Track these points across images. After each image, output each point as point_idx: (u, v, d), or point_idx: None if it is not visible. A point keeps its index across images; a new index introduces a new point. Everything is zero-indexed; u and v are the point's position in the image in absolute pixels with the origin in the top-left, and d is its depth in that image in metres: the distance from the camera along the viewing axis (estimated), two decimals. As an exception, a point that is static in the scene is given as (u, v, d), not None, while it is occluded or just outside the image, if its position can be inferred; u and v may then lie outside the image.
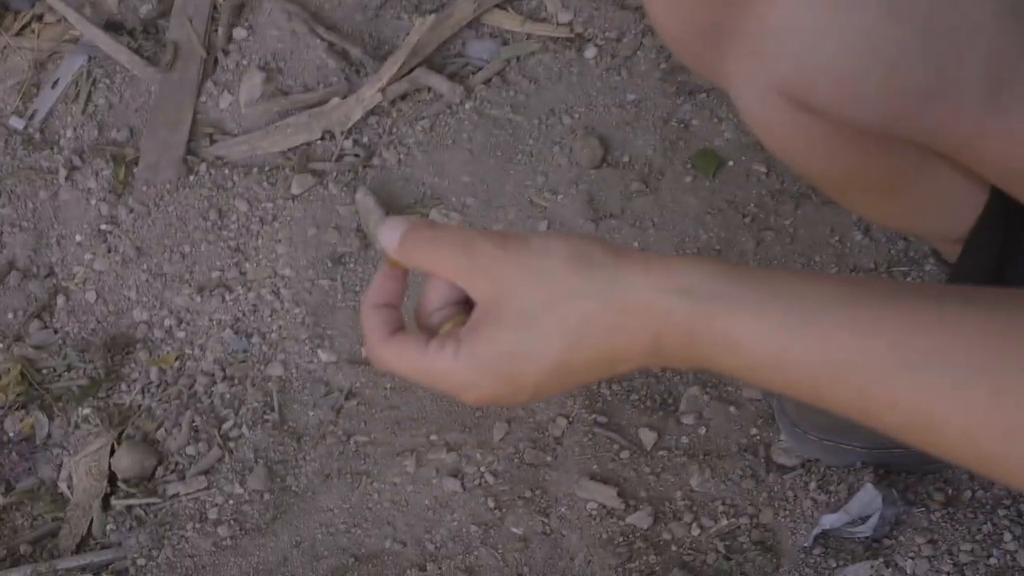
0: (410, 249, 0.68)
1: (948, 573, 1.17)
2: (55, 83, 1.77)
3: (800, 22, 0.85)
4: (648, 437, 1.35)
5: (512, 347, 0.64)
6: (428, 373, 0.67)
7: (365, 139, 1.64)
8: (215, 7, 1.78)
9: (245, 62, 1.73)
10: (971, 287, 0.58)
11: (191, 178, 1.64)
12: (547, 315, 0.63)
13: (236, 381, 1.47)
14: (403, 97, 1.66)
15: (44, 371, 1.51)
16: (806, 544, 1.23)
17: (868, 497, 1.22)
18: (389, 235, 0.69)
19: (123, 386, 1.49)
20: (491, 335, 0.64)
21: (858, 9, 0.83)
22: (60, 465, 1.45)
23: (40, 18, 1.83)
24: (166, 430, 1.44)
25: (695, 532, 1.28)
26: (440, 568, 1.29)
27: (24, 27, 1.82)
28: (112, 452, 1.42)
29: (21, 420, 1.48)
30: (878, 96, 0.86)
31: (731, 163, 1.55)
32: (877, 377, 0.56)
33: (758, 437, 1.33)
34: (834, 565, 1.21)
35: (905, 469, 1.28)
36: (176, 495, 1.39)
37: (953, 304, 0.56)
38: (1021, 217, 0.98)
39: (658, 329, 0.61)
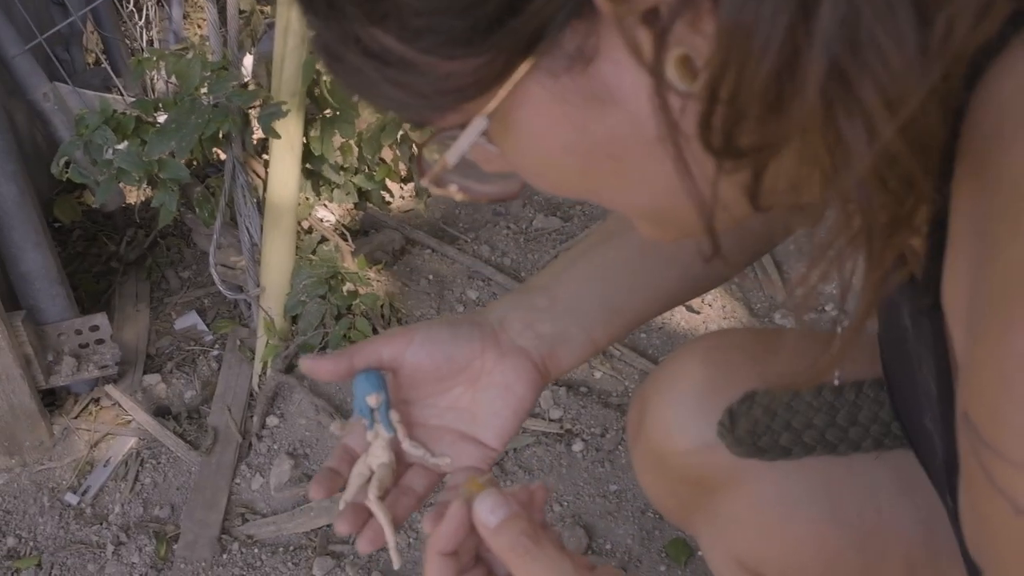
0: (502, 543, 0.74)
1: None
2: (107, 462, 2.01)
3: (753, 519, 1.07)
4: None
5: None
6: None
7: (379, 522, 1.86)
8: (252, 395, 2.05)
9: (276, 447, 1.98)
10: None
11: (224, 556, 1.84)
12: None
13: None
14: (413, 484, 1.89)
15: None
16: None
17: None
18: (488, 515, 0.75)
19: None
20: None
21: (801, 514, 1.05)
22: None
23: (97, 401, 2.09)
24: None
25: None
26: None
27: (83, 410, 2.08)
28: None
29: None
30: None
31: (700, 553, 1.76)
32: None
33: None
34: None
35: None
36: None
37: None
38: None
39: None
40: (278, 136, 1.83)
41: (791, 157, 0.56)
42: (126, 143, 1.93)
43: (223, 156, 2.19)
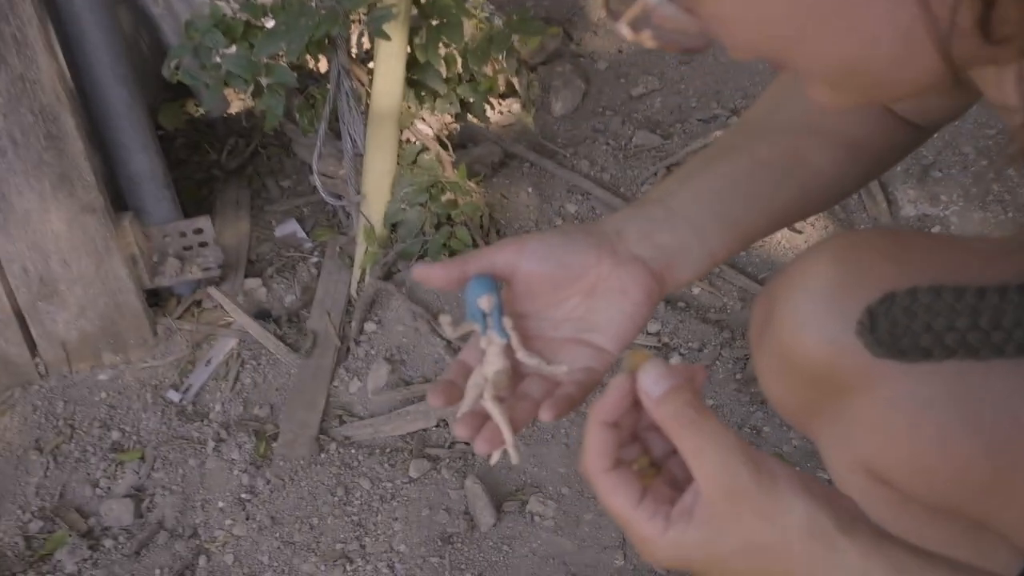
0: (666, 412, 0.74)
1: None
2: (208, 362, 2.04)
3: (882, 422, 1.04)
4: None
5: (711, 556, 0.74)
6: (629, 526, 0.77)
7: (475, 428, 1.88)
8: (350, 302, 2.07)
9: (374, 352, 2.00)
10: None
11: (322, 455, 1.88)
12: (759, 557, 0.73)
13: (353, 646, 1.67)
14: (509, 392, 1.91)
15: (185, 625, 1.72)
16: None
17: None
18: (653, 386, 0.75)
19: (254, 644, 1.69)
20: (703, 540, 0.74)
21: (934, 417, 1.01)
22: None
23: (199, 303, 2.13)
24: None
25: None
26: None
27: (185, 311, 2.12)
28: None
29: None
30: (945, 488, 1.04)
31: (799, 469, 1.75)
32: None
33: None
34: None
35: None
36: None
37: None
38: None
39: None
40: (388, 38, 1.83)
41: None
42: (235, 47, 1.94)
43: (322, 69, 2.21)
